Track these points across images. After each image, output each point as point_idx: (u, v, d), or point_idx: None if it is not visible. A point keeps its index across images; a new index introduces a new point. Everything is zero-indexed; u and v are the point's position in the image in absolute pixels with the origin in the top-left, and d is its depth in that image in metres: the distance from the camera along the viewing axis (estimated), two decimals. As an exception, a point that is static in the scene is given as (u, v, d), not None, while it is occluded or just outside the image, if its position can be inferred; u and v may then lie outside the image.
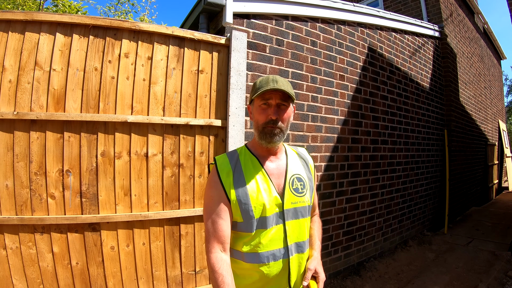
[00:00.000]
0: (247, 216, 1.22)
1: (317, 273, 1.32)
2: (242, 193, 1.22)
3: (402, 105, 4.84)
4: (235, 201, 1.22)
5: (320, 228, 1.58)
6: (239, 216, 1.23)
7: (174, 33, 2.55)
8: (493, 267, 3.98)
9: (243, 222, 1.23)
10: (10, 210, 2.13)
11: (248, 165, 1.29)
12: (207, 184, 1.30)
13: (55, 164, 2.22)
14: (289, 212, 1.27)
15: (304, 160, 1.46)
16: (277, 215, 1.26)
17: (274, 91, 1.23)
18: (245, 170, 1.27)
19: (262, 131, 1.25)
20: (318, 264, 1.35)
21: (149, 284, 2.50)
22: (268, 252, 1.23)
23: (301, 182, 1.35)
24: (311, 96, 3.40)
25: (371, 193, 4.20)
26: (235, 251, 1.27)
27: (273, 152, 1.35)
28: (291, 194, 1.29)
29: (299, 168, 1.40)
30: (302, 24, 3.37)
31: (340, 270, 3.74)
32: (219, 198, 1.23)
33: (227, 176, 1.25)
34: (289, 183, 1.31)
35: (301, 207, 1.31)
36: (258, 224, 1.23)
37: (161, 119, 2.48)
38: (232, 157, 1.32)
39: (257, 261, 1.23)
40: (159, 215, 2.48)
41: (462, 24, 7.45)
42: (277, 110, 1.25)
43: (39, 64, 2.19)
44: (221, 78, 2.78)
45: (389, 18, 4.57)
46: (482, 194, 8.63)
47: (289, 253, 1.26)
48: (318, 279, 1.31)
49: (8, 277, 2.12)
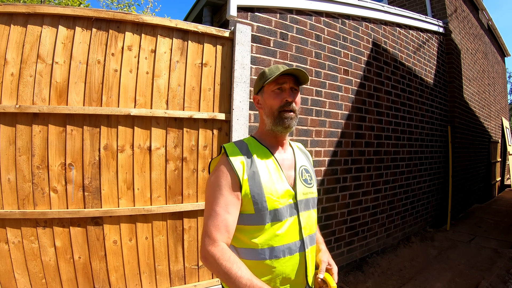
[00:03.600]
0: (260, 207, 1.15)
1: (330, 265, 1.28)
2: (256, 183, 1.16)
3: (406, 101, 4.80)
4: (248, 191, 1.15)
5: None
6: (250, 207, 1.15)
7: (177, 26, 2.52)
8: (496, 264, 3.96)
9: (254, 214, 1.15)
10: (12, 204, 2.11)
11: (260, 155, 1.24)
12: (215, 173, 1.20)
13: (57, 158, 2.20)
14: (301, 203, 1.24)
15: (305, 154, 1.47)
16: (291, 206, 1.21)
17: (288, 74, 1.23)
18: (256, 160, 1.21)
19: (278, 116, 1.23)
20: (329, 256, 1.34)
21: (151, 278, 2.49)
22: (284, 246, 1.17)
23: (308, 174, 1.34)
24: (315, 90, 3.37)
25: (374, 189, 4.18)
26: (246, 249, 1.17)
27: (282, 143, 1.33)
28: (302, 185, 1.27)
29: (305, 160, 1.39)
30: (306, 18, 3.33)
31: (342, 266, 3.73)
32: (229, 188, 1.15)
33: (240, 163, 1.18)
34: (299, 174, 1.29)
35: (311, 198, 1.31)
36: (272, 217, 1.16)
37: (165, 112, 2.46)
38: (242, 146, 1.26)
39: (271, 256, 1.15)
40: (162, 209, 2.46)
41: (467, 20, 7.38)
42: (291, 93, 1.25)
43: (42, 57, 2.17)
44: (225, 71, 2.75)
45: (393, 13, 4.52)
46: (484, 191, 8.60)
47: (305, 246, 1.22)
48: (332, 271, 1.27)
49: (10, 271, 2.11)
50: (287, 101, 1.22)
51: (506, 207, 7.67)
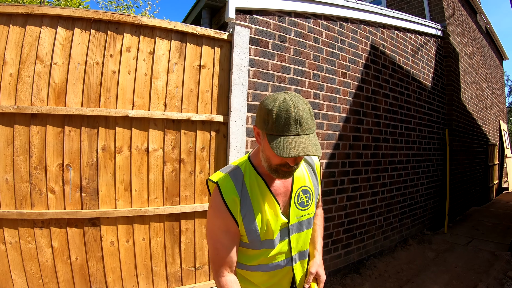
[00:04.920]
0: (253, 239, 1.19)
1: (319, 275, 1.34)
2: (249, 220, 1.16)
3: (403, 104, 4.82)
4: (242, 227, 1.17)
5: (323, 221, 1.55)
6: (245, 238, 1.19)
7: (176, 28, 2.53)
8: (493, 267, 3.97)
9: (248, 243, 1.21)
10: (9, 204, 2.12)
11: (255, 189, 1.18)
12: (211, 210, 1.19)
13: (55, 159, 2.20)
14: (294, 227, 1.26)
15: (309, 163, 1.37)
16: (283, 231, 1.23)
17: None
18: (252, 195, 1.17)
19: (276, 169, 1.10)
20: (319, 266, 1.35)
21: (148, 279, 2.49)
22: (273, 263, 1.24)
23: (306, 195, 1.29)
24: (313, 93, 3.38)
25: (372, 191, 4.19)
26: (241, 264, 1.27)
27: None
28: (296, 209, 1.26)
29: (305, 178, 1.31)
30: (304, 21, 3.35)
31: (340, 268, 3.73)
32: (226, 227, 1.16)
33: (234, 202, 1.14)
34: (295, 198, 1.25)
35: (306, 220, 1.29)
36: (264, 245, 1.21)
37: (162, 114, 2.47)
38: (237, 179, 1.18)
39: (262, 270, 1.25)
40: (159, 210, 2.47)
41: (465, 24, 7.42)
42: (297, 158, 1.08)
43: (40, 58, 2.18)
44: (223, 73, 2.76)
45: (391, 16, 4.54)
46: (482, 194, 8.62)
47: (293, 261, 1.28)
48: (319, 280, 1.34)
49: (7, 272, 2.11)
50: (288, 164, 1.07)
51: (504, 210, 7.68)
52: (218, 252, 1.17)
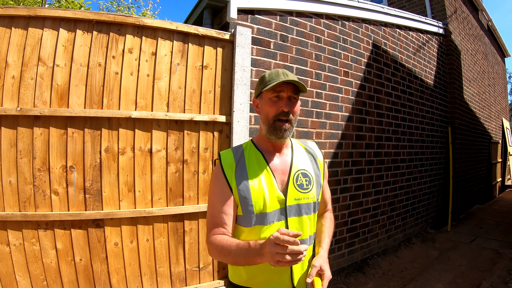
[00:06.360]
0: (246, 210, 1.20)
1: (323, 271, 1.22)
2: (243, 187, 1.21)
3: (406, 102, 4.81)
4: (236, 194, 1.21)
5: (332, 224, 1.52)
6: (239, 209, 1.23)
7: (178, 29, 2.53)
8: (497, 265, 3.96)
9: (242, 216, 1.23)
10: (13, 206, 2.12)
11: (252, 160, 1.27)
12: (211, 178, 1.30)
13: (58, 160, 2.20)
14: (291, 209, 1.24)
15: (312, 155, 1.41)
16: (279, 211, 1.23)
17: (287, 83, 1.20)
18: (248, 164, 1.26)
19: (273, 125, 1.22)
20: (324, 261, 1.27)
21: (152, 280, 2.49)
22: None
23: (306, 178, 1.30)
24: (315, 92, 3.38)
25: (375, 190, 4.18)
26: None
27: (279, 147, 1.32)
28: (295, 190, 1.26)
29: (306, 164, 1.35)
30: (306, 20, 3.34)
31: (343, 267, 3.73)
32: (222, 192, 1.23)
33: (230, 169, 1.24)
34: (293, 178, 1.27)
35: (305, 203, 1.27)
36: (257, 220, 1.21)
37: (165, 114, 2.47)
38: (237, 151, 1.31)
39: None
40: (163, 211, 2.47)
41: (467, 21, 7.39)
42: (289, 103, 1.22)
43: (43, 60, 2.18)
44: (226, 73, 2.76)
45: (393, 15, 4.53)
46: (485, 192, 8.60)
47: None
48: (323, 276, 1.21)
49: (12, 273, 2.11)
50: (283, 111, 1.21)
51: (507, 208, 7.66)
52: (212, 217, 1.23)
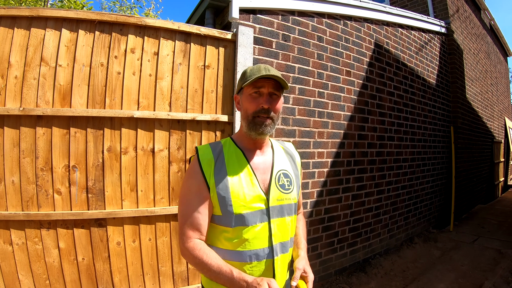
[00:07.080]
0: (225, 210, 1.14)
1: (306, 273, 1.21)
2: (222, 186, 1.15)
3: (408, 101, 4.80)
4: (215, 193, 1.15)
5: (305, 227, 1.51)
6: (218, 209, 1.16)
7: (180, 29, 2.53)
8: (499, 265, 3.95)
9: (221, 216, 1.16)
10: (16, 206, 2.13)
11: (232, 157, 1.21)
12: (186, 174, 1.23)
13: (61, 160, 2.21)
14: (274, 210, 1.20)
15: (290, 156, 1.39)
16: (262, 212, 1.17)
17: (267, 78, 1.16)
18: (228, 162, 1.20)
19: (252, 121, 1.18)
20: (306, 263, 1.25)
21: (155, 279, 2.50)
22: (251, 251, 1.15)
23: (287, 179, 1.27)
24: (317, 91, 3.37)
25: (377, 190, 4.18)
26: (216, 248, 1.19)
27: (260, 145, 1.28)
28: (277, 190, 1.22)
29: (286, 164, 1.32)
30: (308, 20, 3.34)
31: (345, 267, 3.72)
32: (198, 188, 1.16)
33: (209, 165, 1.17)
34: (275, 179, 1.24)
35: (287, 204, 1.24)
36: (238, 221, 1.14)
37: (168, 114, 2.47)
38: (216, 147, 1.24)
39: (239, 259, 1.15)
40: (165, 210, 2.47)
41: (469, 20, 7.37)
42: (269, 99, 1.18)
43: (45, 60, 2.19)
44: (228, 73, 2.76)
45: (395, 14, 4.52)
46: (488, 191, 8.57)
47: (274, 253, 1.19)
48: (308, 279, 1.20)
49: (14, 272, 2.12)
50: (263, 108, 1.16)
51: (510, 208, 7.64)
52: (187, 216, 1.15)
